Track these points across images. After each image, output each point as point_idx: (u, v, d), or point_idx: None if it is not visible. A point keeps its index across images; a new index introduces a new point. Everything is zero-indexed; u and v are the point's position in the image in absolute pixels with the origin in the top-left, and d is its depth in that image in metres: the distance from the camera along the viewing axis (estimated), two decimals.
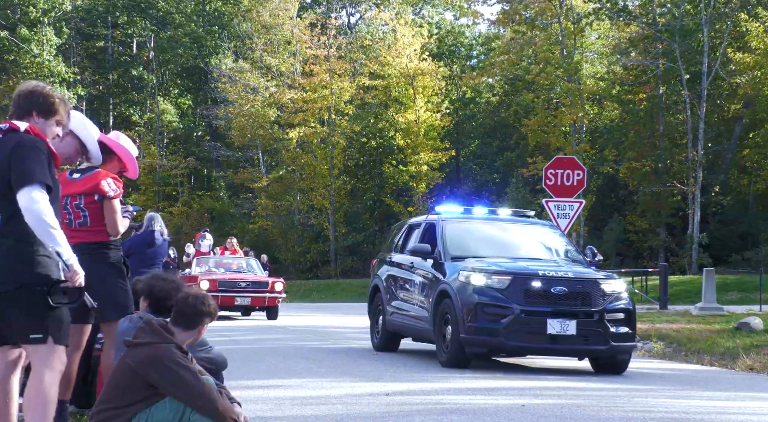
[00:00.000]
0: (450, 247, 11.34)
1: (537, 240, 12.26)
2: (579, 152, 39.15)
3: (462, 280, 10.46)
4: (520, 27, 43.14)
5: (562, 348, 10.34)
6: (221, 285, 20.22)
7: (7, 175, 4.25)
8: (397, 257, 12.76)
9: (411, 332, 12.02)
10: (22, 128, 4.39)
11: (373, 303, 13.26)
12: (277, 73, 47.63)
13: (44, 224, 4.19)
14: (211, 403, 4.95)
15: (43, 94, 4.53)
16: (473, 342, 10.25)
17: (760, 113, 39.74)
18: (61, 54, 50.25)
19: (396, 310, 12.24)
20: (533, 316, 10.14)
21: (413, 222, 13.21)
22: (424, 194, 46.63)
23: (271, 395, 8.11)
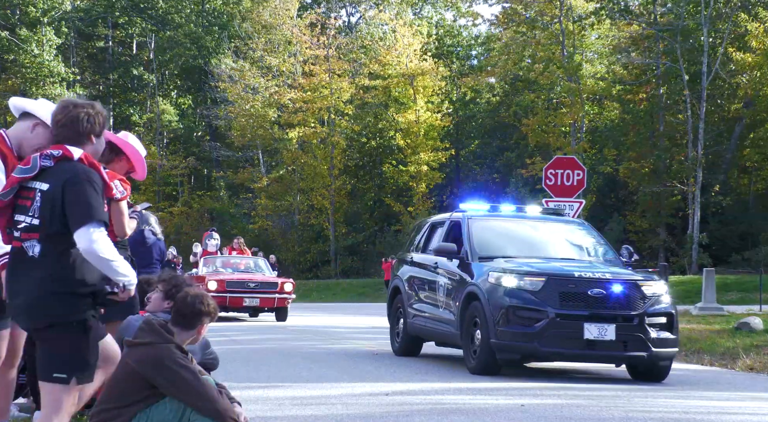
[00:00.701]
0: (477, 246, 10.65)
1: (569, 239, 11.53)
2: (579, 151, 39.16)
3: (492, 281, 9.82)
4: (520, 27, 43.17)
5: (599, 354, 9.64)
6: (229, 286, 19.61)
7: (57, 207, 4.05)
8: (419, 257, 12.11)
9: (434, 336, 11.38)
10: (76, 155, 4.14)
11: (393, 305, 12.59)
12: (278, 73, 47.62)
13: (106, 262, 4.05)
14: (211, 403, 4.95)
15: (101, 114, 4.32)
16: (505, 348, 9.61)
17: (760, 112, 39.70)
18: (61, 54, 50.23)
19: (418, 313, 11.62)
20: (569, 320, 9.46)
21: (435, 220, 12.52)
22: (424, 193, 46.67)
23: (271, 395, 8.08)
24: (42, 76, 47.15)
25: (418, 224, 13.41)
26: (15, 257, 4.15)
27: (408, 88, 46.51)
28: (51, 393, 4.07)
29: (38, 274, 4.03)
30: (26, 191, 4.15)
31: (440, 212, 47.57)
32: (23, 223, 4.10)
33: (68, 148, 4.16)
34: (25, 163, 4.18)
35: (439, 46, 53.90)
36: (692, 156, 37.76)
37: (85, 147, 4.21)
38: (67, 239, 4.06)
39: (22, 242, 4.08)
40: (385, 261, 36.01)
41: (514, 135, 46.76)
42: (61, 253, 4.05)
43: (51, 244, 4.05)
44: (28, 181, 4.15)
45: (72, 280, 4.05)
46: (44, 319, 4.03)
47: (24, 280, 4.06)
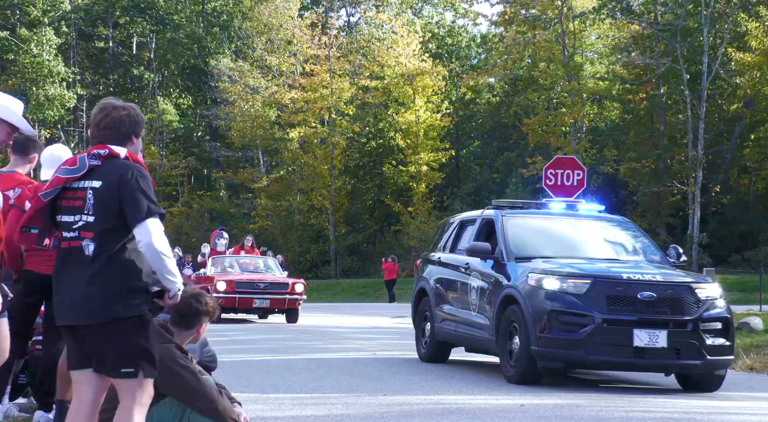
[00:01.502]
0: (513, 246, 9.87)
1: (611, 238, 10.73)
2: (579, 151, 39.15)
3: (532, 284, 9.07)
4: (520, 27, 43.16)
5: (650, 362, 8.84)
6: (239, 286, 18.91)
7: (112, 204, 4.08)
8: (448, 257, 11.29)
9: (465, 341, 10.63)
10: (122, 154, 4.20)
11: (419, 309, 11.79)
12: (278, 73, 47.62)
13: (163, 258, 4.06)
14: (211, 403, 4.95)
15: (140, 115, 4.35)
16: (547, 356, 8.87)
17: (760, 112, 39.70)
18: (61, 54, 50.22)
19: (447, 317, 10.83)
20: (617, 326, 8.70)
21: (465, 218, 11.70)
22: (424, 194, 46.68)
23: (270, 395, 8.05)
24: (42, 76, 47.08)
25: (445, 223, 12.59)
26: (67, 257, 4.13)
27: (407, 88, 46.53)
28: (125, 388, 4.10)
29: (93, 272, 4.05)
30: (74, 191, 4.16)
31: (440, 212, 47.88)
32: (80, 222, 4.11)
33: (112, 147, 4.19)
34: (71, 163, 4.18)
35: (439, 46, 53.92)
36: (692, 156, 37.70)
37: (126, 147, 4.24)
38: (122, 235, 4.09)
39: (81, 241, 4.08)
40: (384, 261, 35.96)
41: (514, 135, 46.75)
42: (116, 250, 4.07)
43: (105, 241, 4.06)
44: (75, 181, 4.16)
45: (127, 276, 4.07)
46: (102, 316, 4.02)
47: (78, 279, 4.06)
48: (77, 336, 4.14)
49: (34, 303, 6.24)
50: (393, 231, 46.23)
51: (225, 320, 18.69)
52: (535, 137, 41.63)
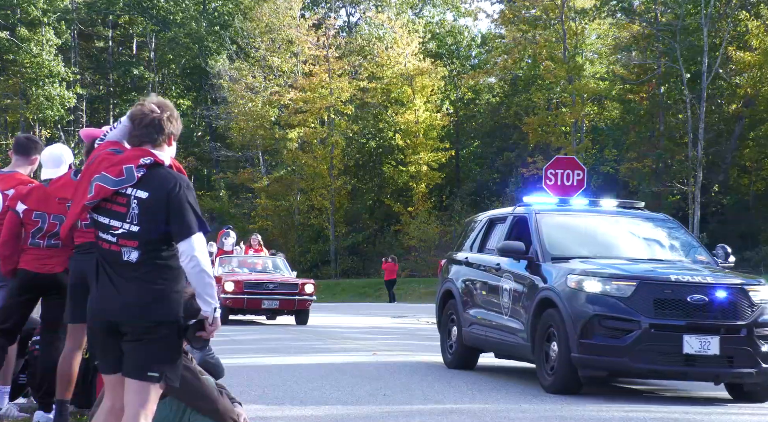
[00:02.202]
0: (549, 245, 9.21)
1: (653, 237, 10.03)
2: (579, 151, 39.16)
3: (572, 286, 8.42)
4: (521, 26, 43.17)
5: (701, 371, 8.19)
6: (247, 287, 18.23)
7: (159, 215, 4.03)
8: (476, 257, 10.59)
9: (497, 347, 9.95)
10: (167, 161, 4.13)
11: (444, 312, 11.06)
12: (279, 74, 47.65)
13: (205, 275, 4.02)
14: (211, 403, 4.96)
15: (177, 115, 4.26)
16: (589, 363, 8.22)
17: (760, 112, 39.73)
18: (61, 54, 50.25)
19: (476, 321, 10.15)
20: (665, 331, 8.06)
21: (495, 216, 10.96)
22: (424, 194, 46.68)
23: (270, 395, 8.03)
24: (42, 76, 47.06)
25: (472, 221, 11.82)
26: (107, 261, 4.09)
27: (407, 88, 46.54)
28: (139, 391, 4.04)
29: (137, 277, 4.03)
30: (116, 196, 4.09)
31: (440, 212, 47.90)
32: (120, 229, 4.05)
33: (157, 154, 4.12)
34: (117, 174, 4.07)
35: (439, 46, 53.93)
36: (692, 156, 37.66)
37: (163, 149, 4.18)
38: (166, 246, 4.06)
39: (121, 248, 4.04)
40: (385, 261, 35.93)
41: (514, 135, 46.74)
42: (160, 259, 4.05)
43: (150, 251, 4.03)
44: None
45: (170, 282, 4.05)
46: (145, 320, 4.01)
47: (119, 283, 4.04)
48: (112, 339, 4.09)
49: (27, 301, 6.24)
50: (393, 231, 46.19)
51: (232, 321, 18.33)
52: (536, 137, 41.58)
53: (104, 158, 4.18)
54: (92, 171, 4.16)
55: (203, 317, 4.08)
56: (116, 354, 4.10)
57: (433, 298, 35.64)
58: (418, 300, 35.79)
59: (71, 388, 5.84)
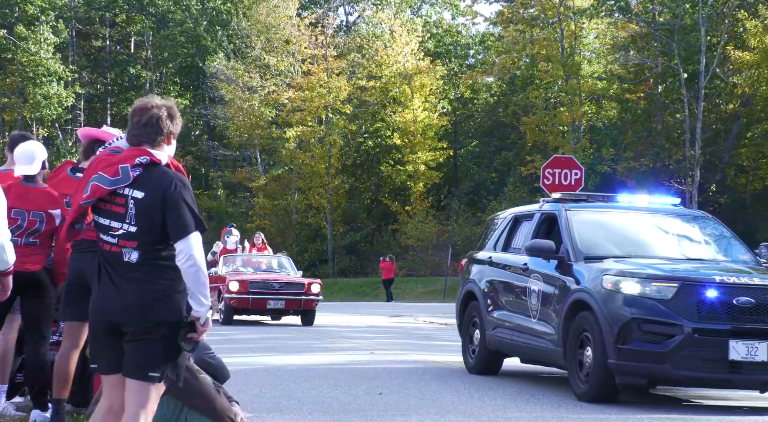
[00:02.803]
0: (581, 244, 8.69)
1: (691, 235, 9.48)
2: (577, 150, 39.21)
3: (608, 287, 7.90)
4: (519, 26, 43.20)
5: (748, 378, 7.71)
6: (252, 287, 17.71)
7: (156, 216, 4.01)
8: (501, 256, 10.04)
9: (523, 351, 9.47)
10: (164, 161, 4.09)
11: (466, 314, 10.52)
12: (276, 73, 47.65)
13: (201, 274, 3.99)
14: (208, 402, 4.96)
15: (177, 113, 4.22)
16: (627, 370, 7.72)
17: (758, 111, 39.78)
18: (59, 53, 50.22)
19: (500, 323, 9.61)
20: (710, 336, 7.54)
21: (520, 213, 10.39)
22: (422, 193, 46.68)
23: (267, 394, 8.02)
24: (39, 74, 47.03)
25: (494, 218, 11.23)
26: (107, 258, 4.09)
27: (405, 87, 46.56)
28: (139, 391, 4.03)
29: (138, 277, 4.01)
30: (114, 197, 4.07)
31: (438, 211, 47.92)
32: (120, 230, 4.04)
33: (154, 153, 4.08)
34: (113, 173, 4.05)
35: (437, 45, 53.94)
36: (690, 155, 37.69)
37: (162, 148, 4.14)
38: (165, 246, 4.04)
39: (121, 249, 4.03)
40: (382, 260, 35.95)
41: (512, 134, 46.77)
42: (161, 259, 4.03)
43: (150, 250, 4.02)
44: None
45: (173, 282, 4.03)
46: (147, 320, 3.99)
47: (120, 283, 4.03)
48: (113, 339, 4.08)
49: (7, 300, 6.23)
50: (391, 230, 46.19)
51: (237, 321, 18.15)
52: (533, 137, 41.60)
53: (102, 159, 4.17)
54: (92, 172, 4.15)
55: (195, 317, 4.02)
56: (117, 354, 4.08)
57: (430, 297, 35.97)
58: (416, 299, 35.79)
59: (68, 387, 5.83)
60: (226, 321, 17.81)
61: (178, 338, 4.03)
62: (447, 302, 32.20)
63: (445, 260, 37.52)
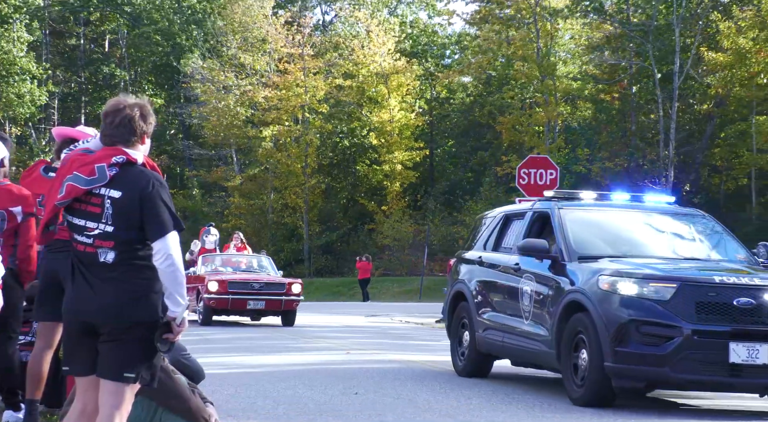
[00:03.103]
0: (575, 243, 8.46)
1: (687, 234, 9.24)
2: (552, 150, 39.41)
3: (604, 288, 7.69)
4: (495, 26, 43.34)
5: (748, 382, 7.51)
6: (232, 287, 17.39)
7: (133, 216, 3.99)
8: (491, 256, 9.78)
9: (515, 354, 9.23)
10: (139, 160, 4.08)
11: (455, 315, 10.24)
12: (252, 72, 47.52)
13: (178, 274, 3.98)
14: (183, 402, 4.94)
15: (150, 112, 4.19)
16: (625, 373, 7.51)
17: (731, 112, 40.16)
18: (33, 51, 49.81)
19: (491, 325, 9.37)
20: (709, 338, 7.34)
21: (511, 211, 10.12)
22: (398, 193, 46.70)
23: (242, 394, 7.99)
24: (13, 73, 46.64)
25: (484, 217, 10.89)
26: (83, 259, 4.05)
27: (382, 87, 46.59)
28: (114, 392, 4.00)
29: (114, 277, 4.00)
30: (90, 197, 4.04)
31: (414, 211, 47.98)
32: (96, 230, 4.02)
33: (129, 152, 4.06)
34: (89, 173, 4.03)
35: (413, 45, 54.01)
36: (664, 155, 38.03)
37: (136, 148, 4.12)
38: (142, 246, 4.02)
39: (97, 249, 4.00)
40: (359, 260, 35.95)
41: (488, 134, 46.94)
42: (137, 259, 4.02)
43: (126, 251, 4.00)
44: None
45: (149, 282, 4.01)
46: (124, 321, 3.97)
47: (95, 284, 4.01)
48: (88, 340, 4.06)
49: None
50: (367, 230, 46.19)
51: (216, 322, 17.93)
52: (509, 137, 41.76)
53: (76, 159, 4.14)
54: (65, 173, 4.11)
55: (171, 318, 4.01)
56: (91, 355, 4.06)
57: (406, 297, 36.00)
58: (392, 299, 35.83)
59: (41, 387, 5.79)
60: (204, 321, 17.52)
61: (154, 338, 4.01)
62: (423, 302, 32.25)
63: (421, 259, 37.58)
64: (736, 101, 38.50)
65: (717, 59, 36.53)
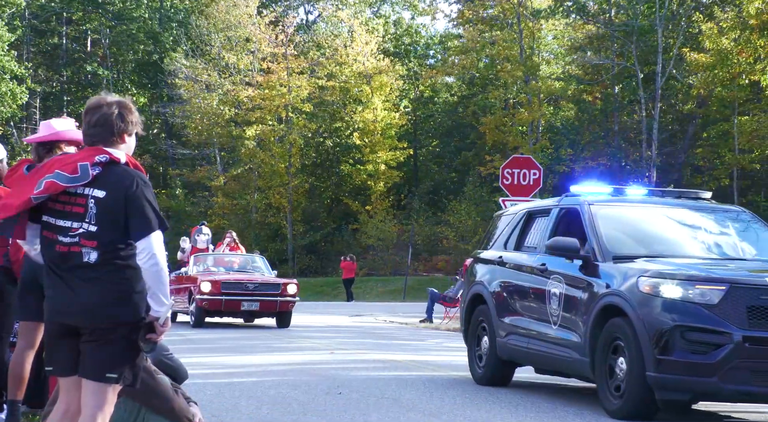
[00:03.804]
0: (608, 242, 7.84)
1: (728, 232, 8.59)
2: (536, 151, 39.53)
3: (645, 290, 7.04)
4: (479, 26, 43.44)
5: None
6: (225, 287, 16.74)
7: (118, 215, 3.97)
8: (513, 256, 9.12)
9: (541, 360, 8.51)
10: (123, 159, 4.06)
11: (473, 319, 9.57)
12: (235, 71, 47.40)
13: (162, 274, 3.97)
14: (166, 402, 4.92)
15: (132, 112, 4.17)
16: (669, 384, 6.87)
17: (713, 113, 40.41)
18: (14, 50, 49.53)
19: (514, 330, 8.74)
20: (762, 345, 6.70)
21: (534, 208, 9.43)
22: (382, 193, 46.68)
23: (226, 394, 7.95)
24: None
25: (503, 215, 10.28)
26: (65, 260, 4.01)
27: (365, 87, 46.58)
28: (96, 392, 3.99)
29: (96, 277, 3.97)
30: (73, 196, 4.02)
31: (398, 211, 48.01)
32: (80, 229, 3.99)
33: (112, 152, 4.04)
34: (71, 171, 3.99)
35: (396, 44, 54.04)
36: (646, 156, 38.26)
37: (118, 147, 4.10)
38: (125, 246, 4.00)
39: (81, 248, 3.98)
40: (343, 260, 35.94)
41: (472, 134, 47.06)
42: (120, 259, 4.00)
43: (110, 251, 3.98)
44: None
45: (131, 282, 4.00)
46: (108, 320, 3.95)
47: (76, 284, 3.98)
48: (69, 340, 4.03)
49: None
50: (351, 230, 46.17)
51: (209, 324, 17.53)
52: (493, 137, 41.89)
53: (59, 160, 4.14)
54: (45, 172, 4.08)
55: (153, 318, 3.99)
56: (74, 355, 4.03)
57: (390, 297, 36.02)
58: (376, 299, 35.83)
59: (23, 388, 5.76)
60: (197, 323, 16.94)
61: (137, 338, 3.99)
62: (407, 302, 32.27)
63: (405, 259, 37.60)
64: (718, 102, 38.73)
65: (699, 60, 36.74)
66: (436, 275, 40.27)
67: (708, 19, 37.00)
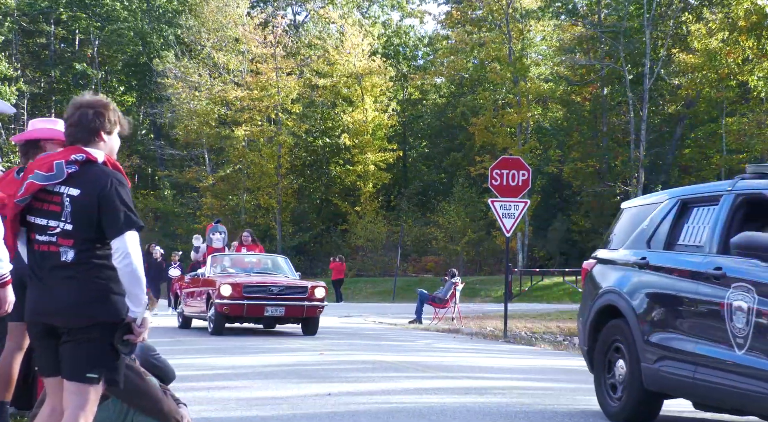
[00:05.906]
0: None
1: None
2: (525, 152, 39.61)
3: None
4: (467, 27, 43.52)
5: None
6: (247, 291, 15.17)
7: (92, 214, 3.97)
8: (665, 256, 6.95)
9: (715, 394, 6.24)
10: (100, 159, 4.06)
11: (601, 338, 7.43)
12: (225, 71, 47.34)
13: (137, 274, 3.95)
14: (155, 404, 4.91)
15: (109, 110, 4.16)
16: None
17: (701, 113, 40.62)
18: (2, 50, 49.36)
19: (671, 353, 6.58)
20: None
21: (690, 195, 7.11)
22: (371, 193, 46.70)
23: (215, 396, 7.92)
24: None
25: (638, 205, 7.89)
26: (44, 259, 4.02)
27: (355, 87, 46.60)
28: (77, 393, 3.98)
29: (73, 276, 3.96)
30: (49, 195, 4.03)
31: (387, 212, 48.02)
32: (57, 228, 4.00)
33: (89, 151, 4.05)
34: (47, 169, 4.02)
35: (386, 46, 54.07)
36: (634, 156, 38.40)
37: (97, 146, 4.10)
38: (102, 245, 4.00)
39: (59, 247, 3.98)
40: (332, 261, 35.93)
41: (461, 135, 47.16)
42: (97, 258, 3.99)
43: (87, 249, 3.98)
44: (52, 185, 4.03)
45: (109, 281, 3.99)
46: (86, 319, 3.94)
47: (58, 283, 3.98)
48: (51, 341, 4.03)
49: None
50: (340, 231, 46.16)
51: (229, 330, 16.29)
52: (482, 138, 41.97)
53: (39, 160, 4.16)
54: (28, 173, 4.11)
55: (131, 319, 3.97)
56: (56, 355, 4.03)
57: (380, 297, 35.99)
58: (365, 300, 35.83)
59: (11, 389, 5.74)
60: (216, 330, 15.38)
61: (114, 340, 3.97)
62: (396, 303, 32.26)
63: (394, 260, 37.62)
64: (705, 103, 38.91)
65: (687, 61, 36.89)
66: (425, 276, 40.33)
67: (697, 19, 37.19)
